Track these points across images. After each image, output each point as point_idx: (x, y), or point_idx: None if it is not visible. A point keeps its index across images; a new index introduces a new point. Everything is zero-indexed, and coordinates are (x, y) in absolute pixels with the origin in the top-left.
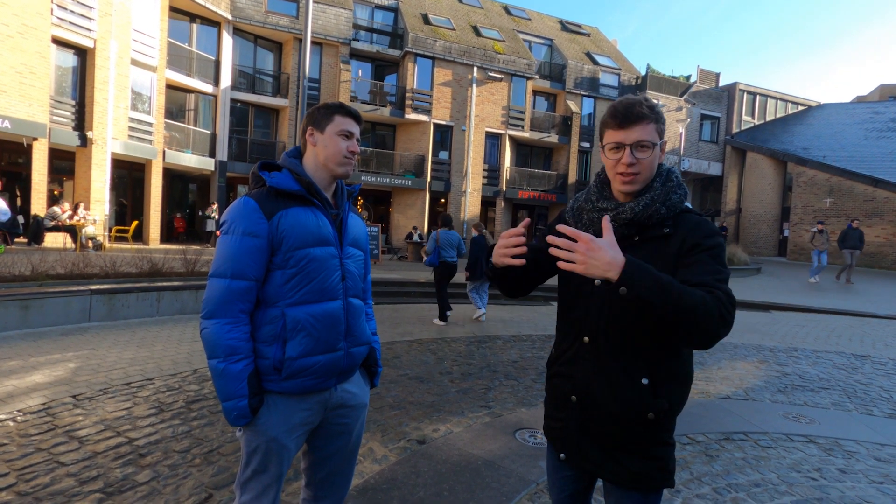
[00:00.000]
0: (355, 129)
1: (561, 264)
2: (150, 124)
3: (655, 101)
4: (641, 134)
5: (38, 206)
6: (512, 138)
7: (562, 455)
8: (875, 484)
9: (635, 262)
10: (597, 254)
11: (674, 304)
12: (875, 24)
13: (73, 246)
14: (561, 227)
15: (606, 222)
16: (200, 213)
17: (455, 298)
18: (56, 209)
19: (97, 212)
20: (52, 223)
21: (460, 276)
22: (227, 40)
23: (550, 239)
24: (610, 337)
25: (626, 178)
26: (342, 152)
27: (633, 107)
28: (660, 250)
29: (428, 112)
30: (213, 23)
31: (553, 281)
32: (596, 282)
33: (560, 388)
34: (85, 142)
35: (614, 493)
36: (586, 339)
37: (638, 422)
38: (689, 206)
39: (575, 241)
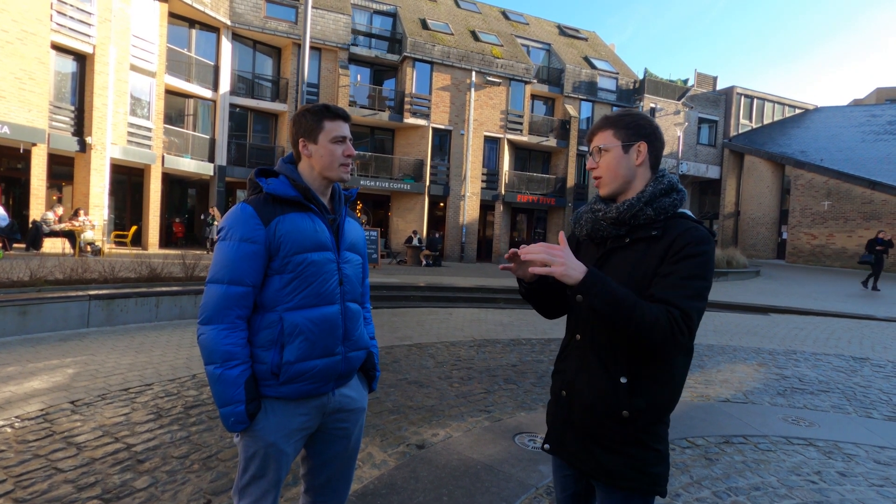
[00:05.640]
0: (346, 131)
1: (535, 269)
2: (149, 129)
3: (617, 112)
4: (597, 141)
5: (37, 211)
6: (510, 142)
7: (546, 445)
8: (875, 487)
9: (596, 275)
10: (571, 261)
11: (625, 317)
12: (875, 17)
13: (72, 251)
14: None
15: (562, 238)
16: (202, 217)
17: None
18: (49, 214)
19: (96, 217)
20: (49, 229)
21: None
22: (227, 46)
23: (527, 248)
24: (596, 335)
25: (595, 181)
26: (339, 159)
27: (596, 124)
28: (647, 252)
29: (427, 116)
30: (212, 28)
31: None
32: None
33: (556, 384)
34: (84, 147)
35: (599, 490)
36: (578, 336)
37: (612, 417)
38: (687, 212)
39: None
